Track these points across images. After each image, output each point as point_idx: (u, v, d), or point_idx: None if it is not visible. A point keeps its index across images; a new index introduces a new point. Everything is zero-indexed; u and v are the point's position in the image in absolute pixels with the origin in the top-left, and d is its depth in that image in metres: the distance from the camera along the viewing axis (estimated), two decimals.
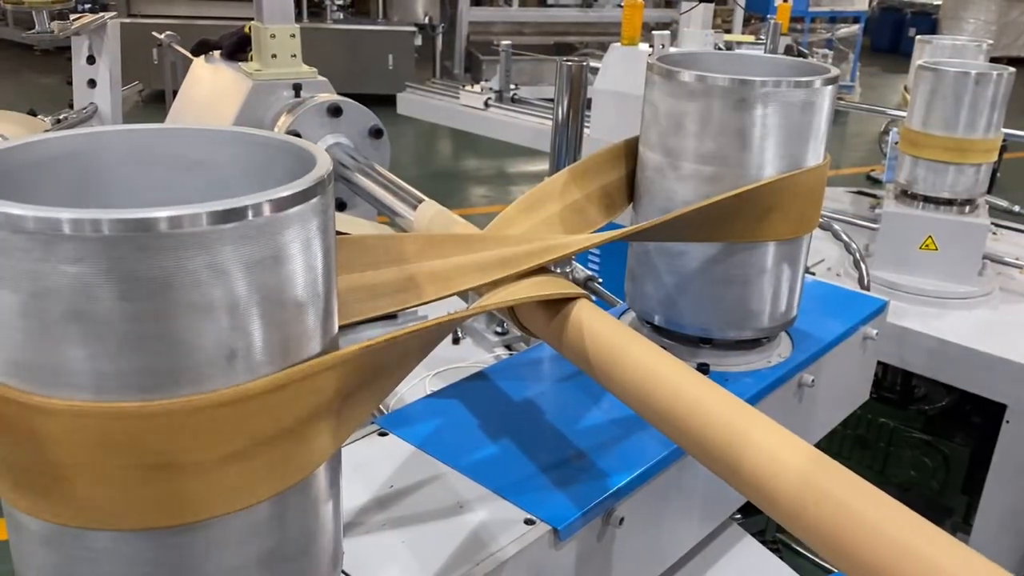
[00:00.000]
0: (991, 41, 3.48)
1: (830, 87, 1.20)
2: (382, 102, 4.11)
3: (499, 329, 1.95)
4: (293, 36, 1.83)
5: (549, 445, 1.10)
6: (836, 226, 2.57)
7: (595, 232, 1.19)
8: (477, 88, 4.50)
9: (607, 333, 0.88)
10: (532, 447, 1.09)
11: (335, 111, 1.74)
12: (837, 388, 1.55)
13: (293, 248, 0.62)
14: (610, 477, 1.04)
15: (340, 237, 0.94)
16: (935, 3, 14.42)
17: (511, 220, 1.14)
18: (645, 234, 1.14)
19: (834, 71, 1.24)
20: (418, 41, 9.02)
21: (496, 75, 4.57)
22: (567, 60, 1.54)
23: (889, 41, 14.62)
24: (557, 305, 0.95)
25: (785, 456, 0.69)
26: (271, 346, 0.62)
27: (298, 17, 9.53)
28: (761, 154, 1.19)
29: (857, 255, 2.51)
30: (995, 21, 13.23)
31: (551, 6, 9.89)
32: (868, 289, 2.50)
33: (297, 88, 1.82)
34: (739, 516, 1.52)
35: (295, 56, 1.85)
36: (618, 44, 3.98)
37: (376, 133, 1.81)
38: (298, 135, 1.73)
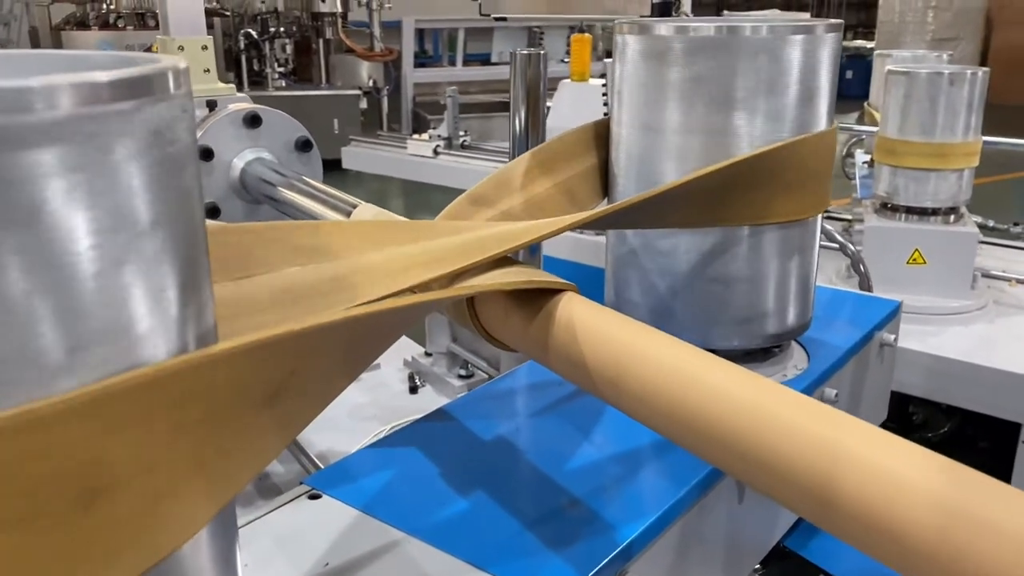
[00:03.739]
0: (951, 52, 3.40)
1: (833, 35, 1.01)
2: (329, 167, 3.90)
3: (463, 372, 1.70)
4: (205, 48, 1.60)
5: (534, 495, 0.85)
6: (827, 225, 2.37)
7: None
8: (425, 136, 4.32)
9: (610, 329, 0.64)
10: (512, 499, 0.84)
11: (253, 120, 1.51)
12: (858, 405, 1.33)
13: (116, 173, 0.38)
14: (616, 530, 0.79)
15: (235, 225, 0.70)
16: (868, 46, 14.78)
17: (462, 215, 0.91)
18: (629, 215, 0.92)
19: (836, 21, 1.05)
20: (363, 104, 8.89)
21: (444, 123, 4.40)
22: (522, 51, 1.34)
23: None
24: (537, 302, 0.72)
25: (904, 471, 0.45)
26: (82, 342, 0.37)
27: (239, 86, 9.44)
28: (757, 118, 0.99)
29: (855, 256, 2.30)
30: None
31: (495, 64, 9.85)
32: (871, 291, 2.30)
33: (211, 105, 1.59)
34: (759, 568, 1.29)
35: (208, 71, 1.63)
36: (568, 80, 3.84)
37: (304, 145, 1.57)
38: (211, 152, 1.50)
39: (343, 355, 0.53)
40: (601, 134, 1.11)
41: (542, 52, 1.34)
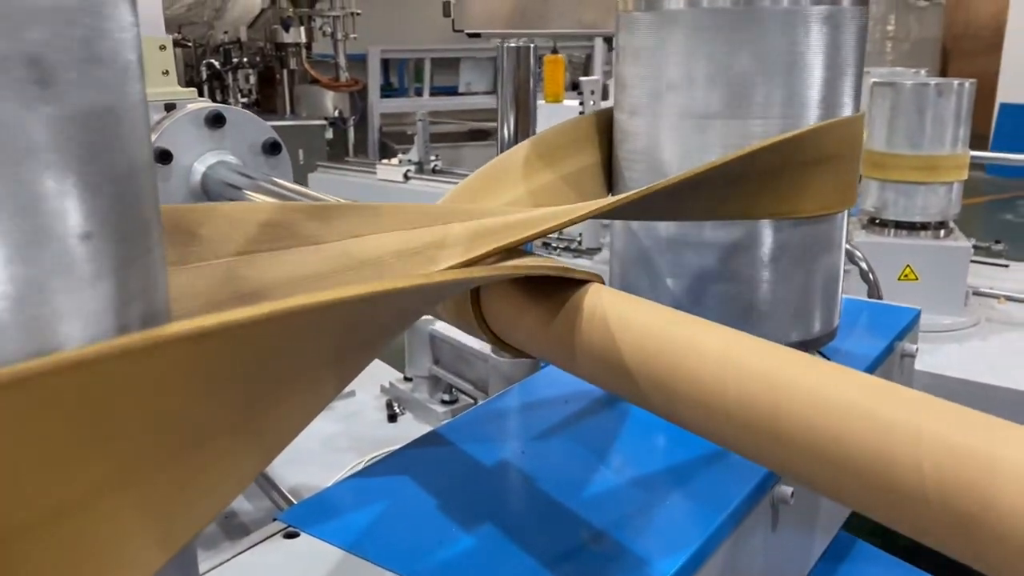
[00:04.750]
0: (928, 68, 3.38)
1: (861, 8, 0.92)
2: None
3: (447, 397, 1.58)
4: (163, 48, 1.48)
5: (549, 528, 0.73)
6: None
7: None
8: (395, 161, 4.21)
9: (657, 321, 0.53)
10: (524, 533, 0.72)
11: (216, 120, 1.38)
12: None
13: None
14: (651, 567, 0.67)
15: (195, 206, 0.59)
16: None
17: (463, 201, 0.80)
18: (647, 206, 0.81)
19: None
20: (329, 134, 8.77)
21: (414, 147, 4.30)
22: (510, 44, 1.24)
23: None
24: (559, 296, 0.60)
25: None
26: None
27: None
28: (778, 100, 0.89)
29: (864, 262, 2.21)
30: None
31: (462, 94, 9.82)
32: (881, 300, 2.22)
33: (170, 109, 1.47)
34: None
35: (167, 73, 1.50)
36: (542, 102, 3.77)
37: (272, 148, 1.45)
38: (168, 154, 1.37)
39: (334, 350, 0.42)
40: (603, 126, 1.00)
41: (532, 44, 1.24)
